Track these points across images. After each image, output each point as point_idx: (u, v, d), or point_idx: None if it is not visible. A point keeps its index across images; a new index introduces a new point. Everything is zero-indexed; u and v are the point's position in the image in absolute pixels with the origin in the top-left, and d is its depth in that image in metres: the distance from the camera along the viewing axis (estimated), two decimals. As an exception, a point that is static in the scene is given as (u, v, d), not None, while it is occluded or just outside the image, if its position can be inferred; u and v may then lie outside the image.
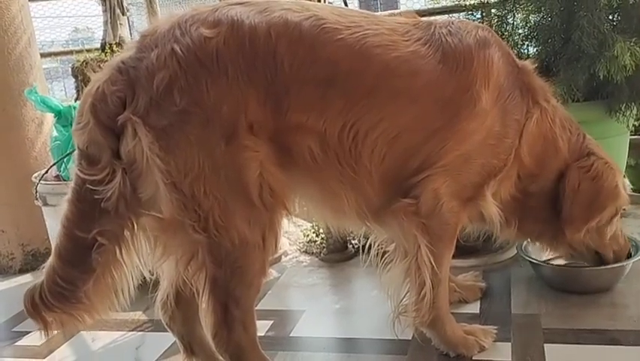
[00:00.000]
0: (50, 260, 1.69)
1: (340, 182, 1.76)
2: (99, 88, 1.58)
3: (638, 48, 2.35)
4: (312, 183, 1.76)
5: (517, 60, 1.95)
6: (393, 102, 1.72)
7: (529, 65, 1.98)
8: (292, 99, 1.62)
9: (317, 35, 1.64)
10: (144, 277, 1.78)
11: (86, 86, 3.98)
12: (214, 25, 1.58)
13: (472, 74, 1.77)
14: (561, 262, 2.33)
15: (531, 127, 1.90)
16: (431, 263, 1.80)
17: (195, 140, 1.53)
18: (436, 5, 3.42)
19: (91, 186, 1.58)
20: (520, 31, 2.90)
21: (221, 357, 1.79)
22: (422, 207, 1.78)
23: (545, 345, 1.91)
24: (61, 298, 1.65)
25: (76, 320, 1.71)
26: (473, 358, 1.88)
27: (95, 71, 1.71)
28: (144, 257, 1.74)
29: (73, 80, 4.03)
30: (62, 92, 9.18)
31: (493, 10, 2.92)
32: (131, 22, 6.44)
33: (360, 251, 2.84)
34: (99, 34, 4.40)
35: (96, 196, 1.58)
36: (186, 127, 1.53)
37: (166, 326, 1.90)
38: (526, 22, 2.87)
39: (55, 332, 2.25)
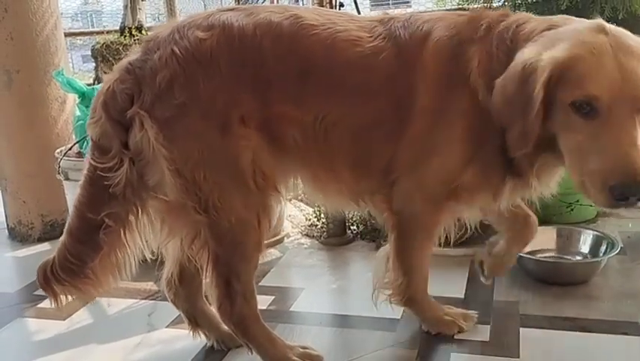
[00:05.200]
0: (62, 238, 1.86)
1: (322, 167, 1.87)
2: (110, 87, 1.75)
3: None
4: (301, 167, 1.89)
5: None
6: (354, 97, 1.79)
7: None
8: (275, 91, 1.75)
9: (295, 32, 1.77)
10: (154, 252, 1.95)
11: (105, 68, 4.15)
12: (208, 29, 1.74)
13: (415, 70, 1.77)
14: (543, 256, 2.51)
15: None
16: (404, 254, 1.95)
17: (194, 130, 1.69)
18: (441, 8, 3.56)
19: (101, 173, 1.74)
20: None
21: (225, 326, 1.97)
22: (395, 206, 1.88)
23: (521, 329, 2.08)
24: (70, 272, 1.82)
25: (82, 294, 1.89)
26: (455, 337, 2.05)
27: (115, 55, 1.90)
28: (146, 239, 1.90)
29: (93, 61, 4.12)
30: (69, 65, 9.23)
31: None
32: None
33: (358, 237, 3.04)
34: (109, 9, 4.51)
35: (106, 182, 1.73)
36: (185, 119, 1.69)
37: (171, 302, 2.08)
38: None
39: (72, 298, 2.46)
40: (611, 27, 1.58)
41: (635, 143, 1.50)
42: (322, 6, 2.94)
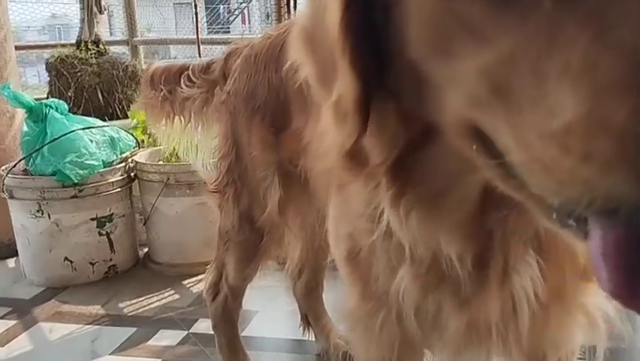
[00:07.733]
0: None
1: None
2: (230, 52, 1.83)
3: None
4: None
5: None
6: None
7: None
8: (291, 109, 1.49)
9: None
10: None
11: (59, 82, 4.00)
12: (280, 28, 1.64)
13: None
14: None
15: None
16: None
17: (230, 122, 1.67)
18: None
19: (190, 77, 1.89)
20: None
21: (334, 336, 2.09)
22: None
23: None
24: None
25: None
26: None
27: (70, 69, 1.82)
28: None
29: (47, 74, 4.01)
30: (35, 78, 8.99)
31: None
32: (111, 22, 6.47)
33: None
34: (76, 21, 4.40)
35: (185, 88, 1.90)
36: (226, 106, 1.69)
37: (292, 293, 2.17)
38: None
39: (14, 322, 2.35)
40: None
41: None
42: (280, 21, 2.88)
